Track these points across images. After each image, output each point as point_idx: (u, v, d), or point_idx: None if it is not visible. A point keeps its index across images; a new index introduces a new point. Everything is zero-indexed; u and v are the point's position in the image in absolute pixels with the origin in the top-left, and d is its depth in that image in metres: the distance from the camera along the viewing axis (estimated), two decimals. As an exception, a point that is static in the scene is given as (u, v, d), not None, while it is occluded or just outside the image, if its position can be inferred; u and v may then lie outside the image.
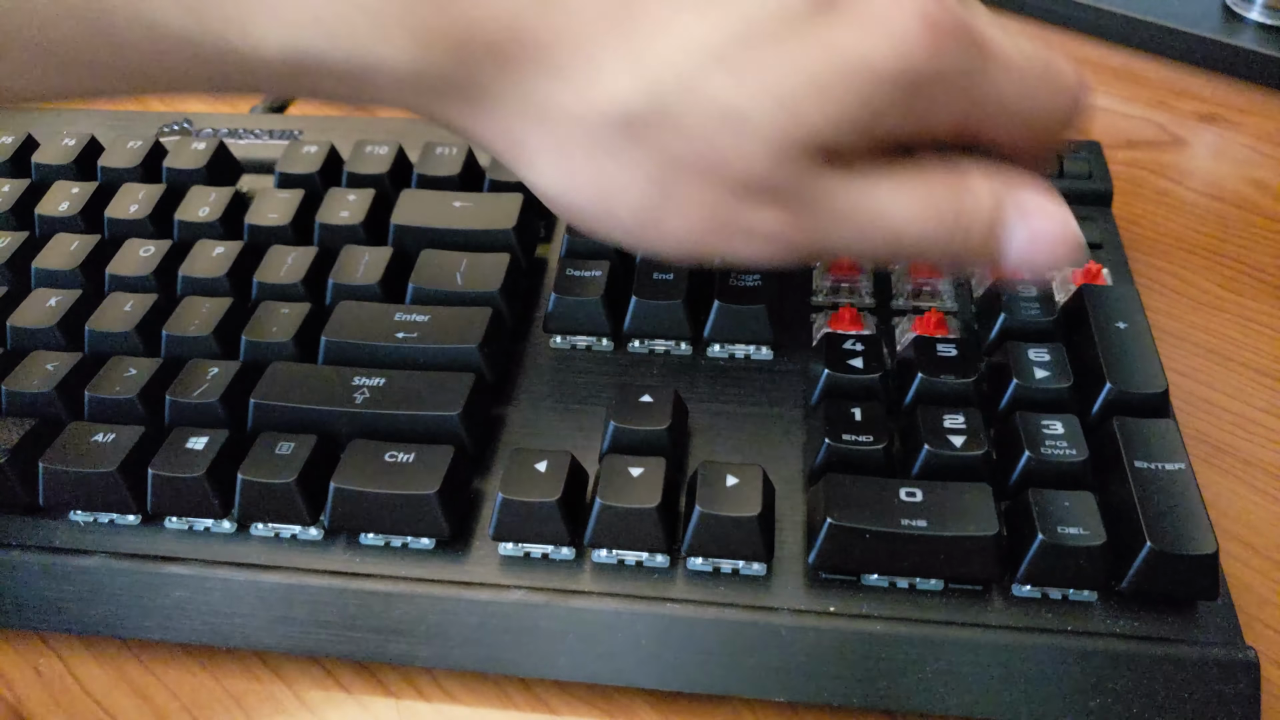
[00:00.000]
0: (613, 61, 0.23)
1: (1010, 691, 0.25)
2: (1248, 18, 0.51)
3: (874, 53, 0.24)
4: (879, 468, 0.27)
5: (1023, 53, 0.26)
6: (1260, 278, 0.40)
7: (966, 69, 0.25)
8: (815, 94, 0.23)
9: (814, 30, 0.24)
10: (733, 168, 0.24)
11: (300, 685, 0.28)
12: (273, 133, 0.43)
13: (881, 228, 0.26)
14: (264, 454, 0.28)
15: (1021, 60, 0.26)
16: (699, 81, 0.23)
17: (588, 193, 0.25)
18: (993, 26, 0.26)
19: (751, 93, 0.23)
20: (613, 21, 0.23)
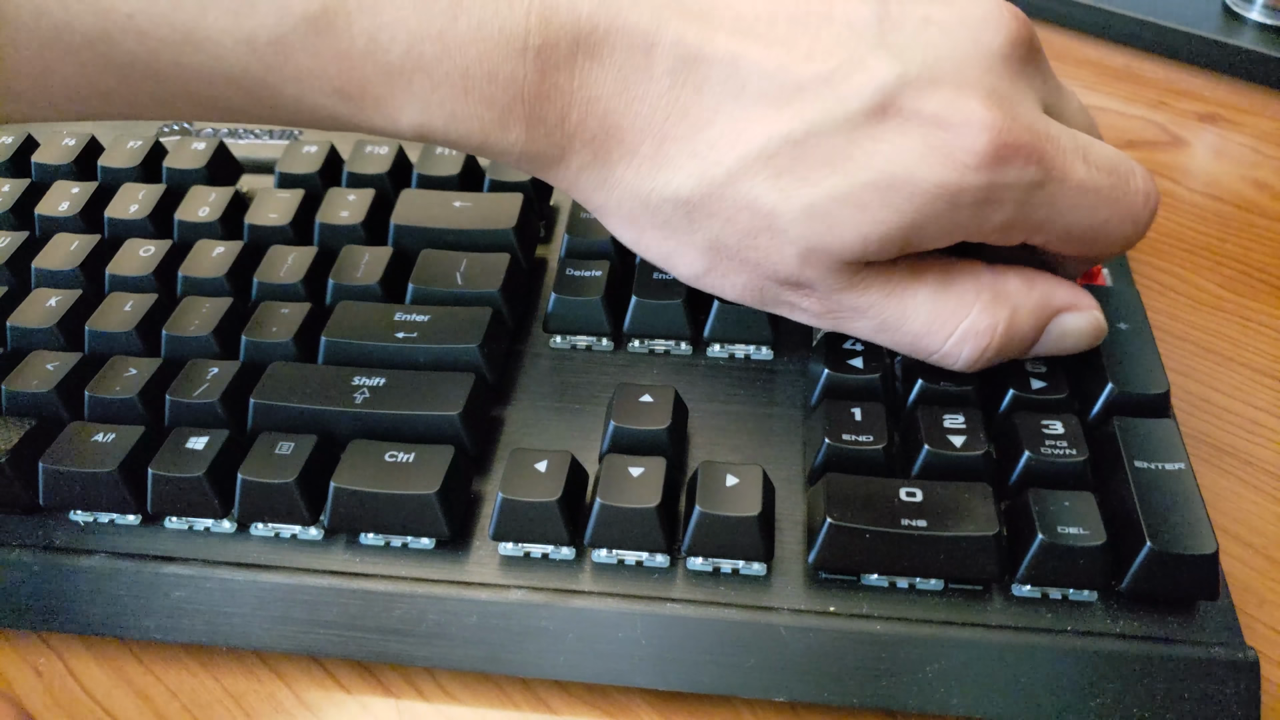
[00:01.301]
0: (679, 155, 0.26)
1: (1010, 691, 0.25)
2: (1248, 18, 0.51)
3: (927, 172, 0.24)
4: (879, 468, 0.27)
5: (1093, 172, 0.25)
6: (1260, 278, 0.40)
7: (1025, 187, 0.25)
8: (851, 208, 0.25)
9: (869, 138, 0.24)
10: (764, 262, 0.26)
11: (300, 685, 0.28)
12: (273, 133, 0.43)
13: (903, 330, 0.27)
14: (264, 454, 0.28)
15: (1090, 181, 0.25)
16: (743, 179, 0.25)
17: (653, 253, 0.29)
18: (1066, 137, 0.25)
19: (788, 198, 0.25)
20: (687, 120, 0.25)
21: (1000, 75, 0.25)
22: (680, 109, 0.25)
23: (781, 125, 0.25)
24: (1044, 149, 0.25)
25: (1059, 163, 0.25)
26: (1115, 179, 0.26)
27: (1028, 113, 0.25)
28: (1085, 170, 0.25)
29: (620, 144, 0.26)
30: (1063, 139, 0.25)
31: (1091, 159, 0.26)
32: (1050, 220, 0.26)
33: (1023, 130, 0.24)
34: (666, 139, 0.26)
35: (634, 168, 0.26)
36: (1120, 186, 0.26)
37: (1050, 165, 0.25)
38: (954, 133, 0.24)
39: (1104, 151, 0.26)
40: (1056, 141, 0.25)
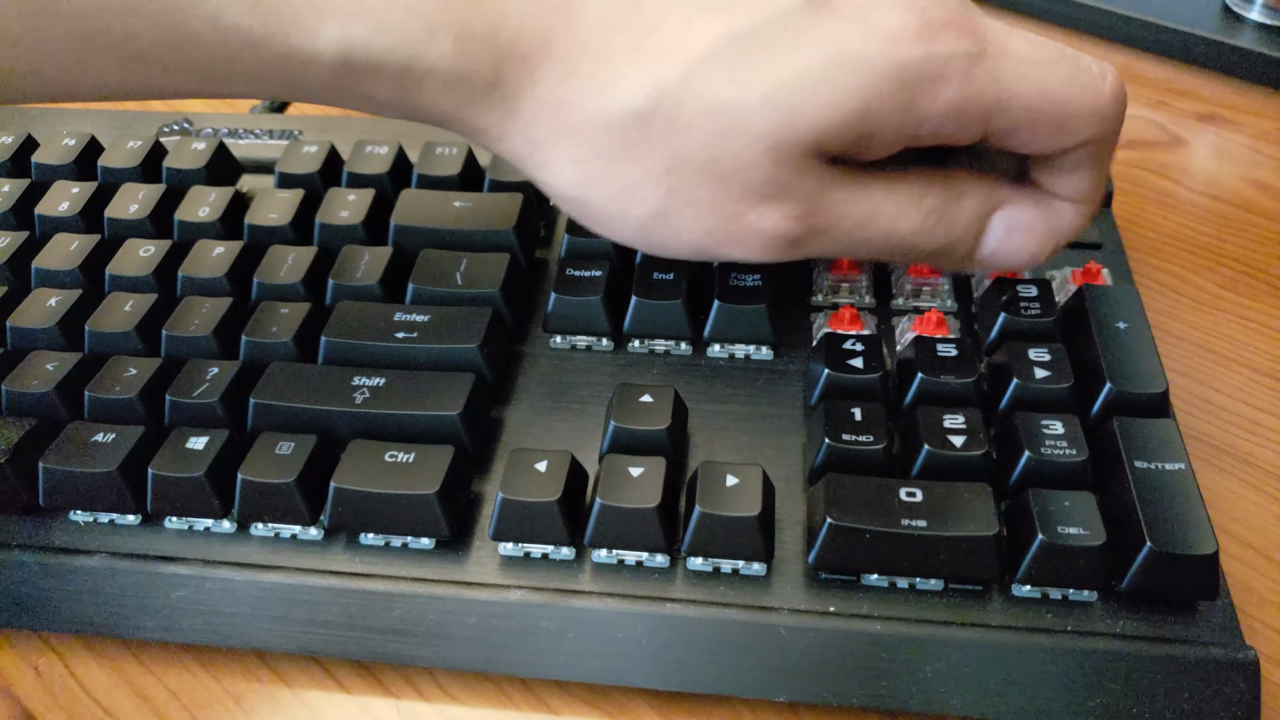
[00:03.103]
0: (624, 64, 0.25)
1: (1010, 691, 0.25)
2: (1248, 18, 0.51)
3: (866, 47, 0.24)
4: (879, 468, 0.27)
5: (1034, 48, 0.26)
6: (1260, 278, 0.40)
7: (963, 59, 0.25)
8: (808, 90, 0.24)
9: (811, 28, 0.24)
10: (731, 165, 0.25)
11: (300, 685, 0.28)
12: (273, 133, 0.43)
13: (874, 228, 0.27)
14: (264, 454, 0.28)
15: (1032, 54, 0.25)
16: (698, 80, 0.24)
17: (600, 191, 0.26)
18: (996, 24, 0.26)
19: (745, 90, 0.24)
20: (627, 28, 0.25)
21: None
22: (621, 18, 0.24)
23: (727, 24, 0.24)
24: (975, 23, 0.25)
25: (993, 36, 0.25)
26: (1061, 55, 0.26)
27: (956, 3, 0.25)
28: (1025, 45, 0.25)
29: (561, 60, 0.25)
30: (997, 25, 0.25)
31: (1031, 40, 0.26)
32: (1003, 98, 0.25)
33: (956, 11, 0.25)
34: (610, 51, 0.25)
35: (577, 86, 0.25)
36: (1069, 61, 0.26)
37: (984, 38, 0.25)
38: (884, 14, 0.24)
39: (1036, 37, 0.26)
40: (989, 23, 0.25)
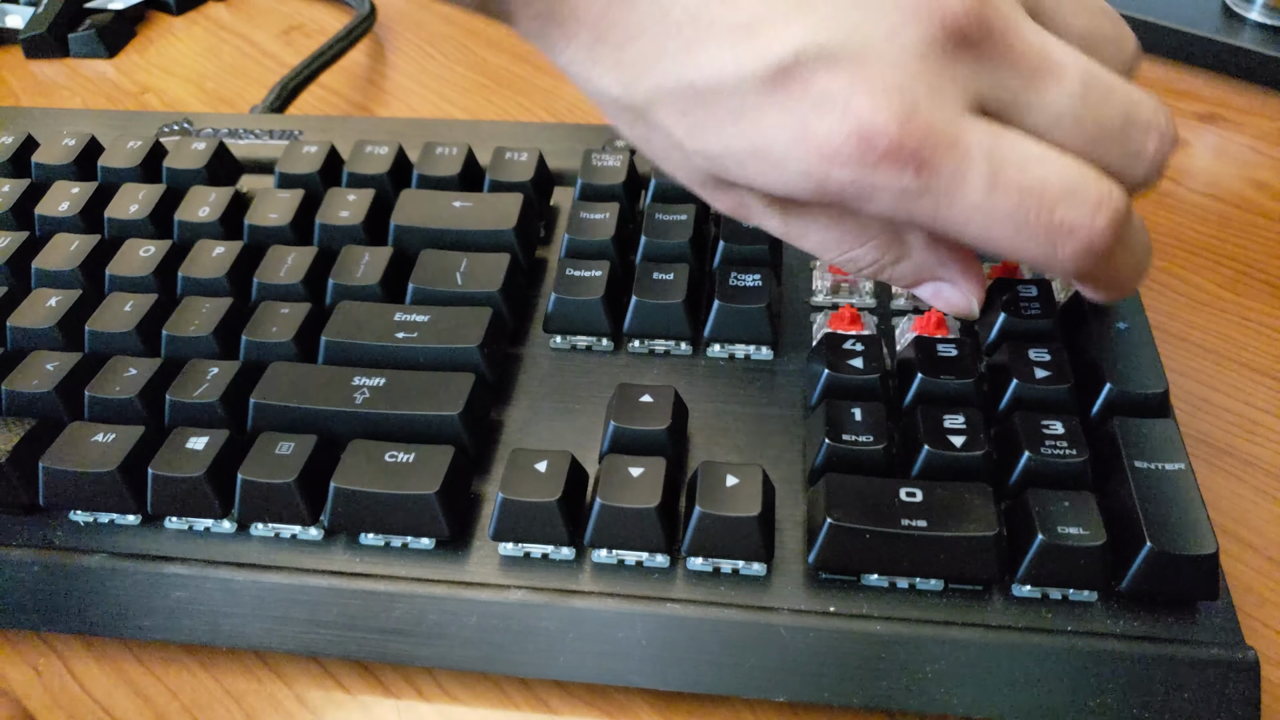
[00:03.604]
0: (608, 59, 0.26)
1: (1010, 691, 0.25)
2: (1248, 18, 0.51)
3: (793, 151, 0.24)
4: (879, 468, 0.27)
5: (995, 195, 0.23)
6: (1260, 278, 0.40)
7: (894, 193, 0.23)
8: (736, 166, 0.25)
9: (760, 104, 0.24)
10: (680, 174, 0.27)
11: (300, 685, 0.28)
12: (273, 133, 0.43)
13: (801, 242, 0.27)
14: (264, 454, 0.28)
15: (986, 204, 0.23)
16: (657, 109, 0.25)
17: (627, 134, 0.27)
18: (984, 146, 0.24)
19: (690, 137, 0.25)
20: (618, 28, 0.25)
21: (919, 66, 0.23)
22: (614, 16, 0.25)
23: (690, 70, 0.24)
24: (929, 158, 0.23)
25: (948, 177, 0.23)
26: (1028, 205, 0.23)
27: (934, 114, 0.23)
28: (984, 191, 0.23)
29: (561, 26, 0.26)
30: (973, 149, 0.23)
31: (1004, 178, 0.23)
32: (942, 229, 0.24)
33: (908, 134, 0.23)
34: (600, 39, 0.25)
35: (570, 55, 0.26)
36: (1032, 215, 0.23)
37: (934, 177, 0.23)
38: (829, 122, 0.23)
39: (1035, 171, 0.23)
40: (957, 151, 0.23)
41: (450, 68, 0.54)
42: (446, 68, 0.54)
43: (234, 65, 0.55)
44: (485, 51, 0.55)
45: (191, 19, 0.59)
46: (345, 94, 0.53)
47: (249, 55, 0.56)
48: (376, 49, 0.56)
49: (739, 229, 0.34)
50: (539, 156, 0.38)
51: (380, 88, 0.53)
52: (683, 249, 0.34)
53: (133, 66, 0.55)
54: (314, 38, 0.57)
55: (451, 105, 0.51)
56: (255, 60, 0.55)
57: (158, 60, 0.56)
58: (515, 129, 0.42)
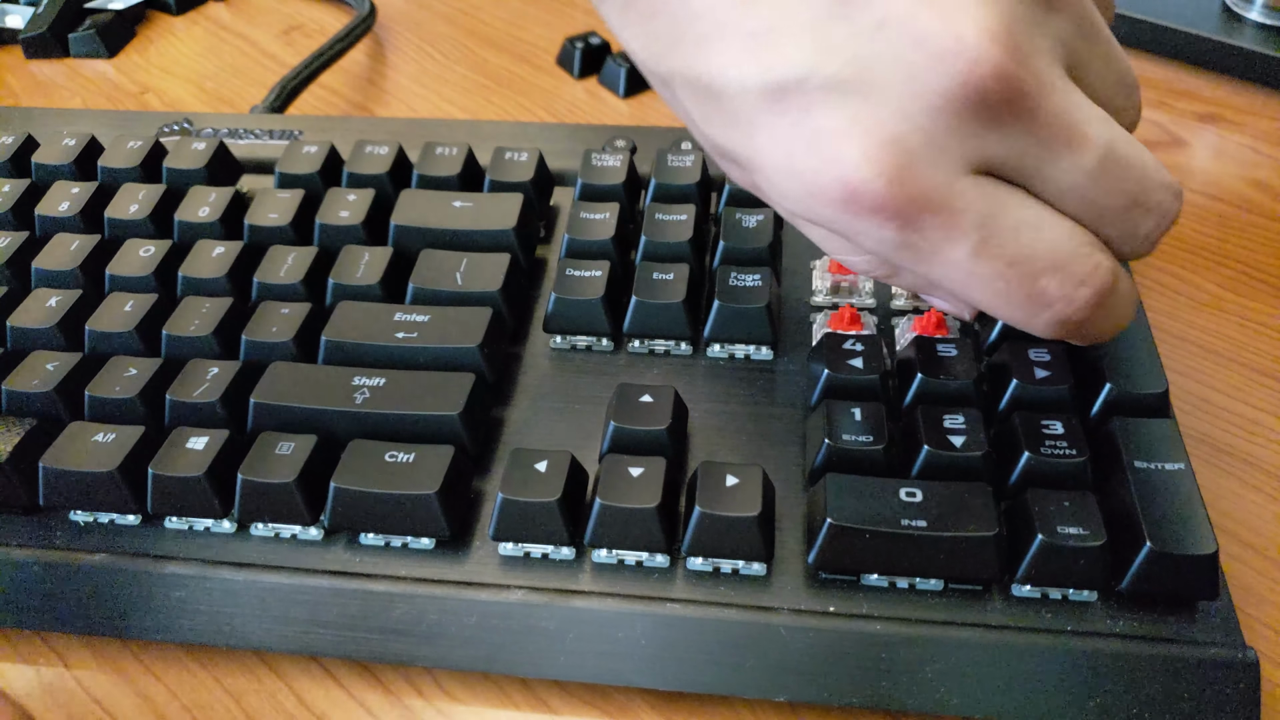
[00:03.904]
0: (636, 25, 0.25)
1: (1010, 691, 0.25)
2: (1248, 18, 0.51)
3: (781, 179, 0.23)
4: (879, 468, 0.27)
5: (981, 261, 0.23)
6: (1260, 278, 0.40)
7: (882, 243, 0.23)
8: (732, 168, 0.26)
9: (755, 118, 0.23)
10: (698, 139, 0.27)
11: (300, 685, 0.28)
12: (273, 133, 0.43)
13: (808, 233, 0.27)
14: (264, 454, 0.28)
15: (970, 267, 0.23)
16: (675, 87, 0.25)
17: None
18: (980, 209, 0.22)
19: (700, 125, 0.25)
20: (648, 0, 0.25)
21: (927, 121, 0.21)
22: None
23: (699, 65, 0.23)
24: (913, 219, 0.22)
25: (932, 238, 0.22)
26: (1011, 274, 0.23)
27: (930, 175, 0.22)
28: (968, 256, 0.22)
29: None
30: (966, 214, 0.22)
31: (992, 246, 0.22)
32: (919, 275, 0.24)
33: (894, 195, 0.22)
34: (630, 4, 0.25)
35: (607, 9, 0.26)
36: (1014, 283, 0.23)
37: (918, 236, 0.22)
38: (816, 162, 0.22)
39: (1026, 239, 0.22)
40: (946, 215, 0.22)
41: (450, 68, 0.54)
42: (446, 68, 0.54)
43: (234, 65, 0.55)
44: (485, 51, 0.55)
45: (191, 19, 0.59)
46: (345, 94, 0.53)
47: (249, 55, 0.56)
48: (376, 49, 0.56)
49: (739, 229, 0.34)
50: (539, 156, 0.38)
51: (380, 88, 0.53)
52: (683, 249, 0.34)
53: (133, 66, 0.55)
54: (314, 38, 0.57)
55: (451, 105, 0.51)
56: (255, 60, 0.55)
57: (158, 60, 0.56)
58: (515, 129, 0.42)
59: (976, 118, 0.22)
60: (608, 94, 0.52)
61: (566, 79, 0.53)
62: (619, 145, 0.41)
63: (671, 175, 0.36)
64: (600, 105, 0.51)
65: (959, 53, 0.21)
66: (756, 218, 0.34)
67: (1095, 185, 0.23)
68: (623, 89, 0.51)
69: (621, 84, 0.51)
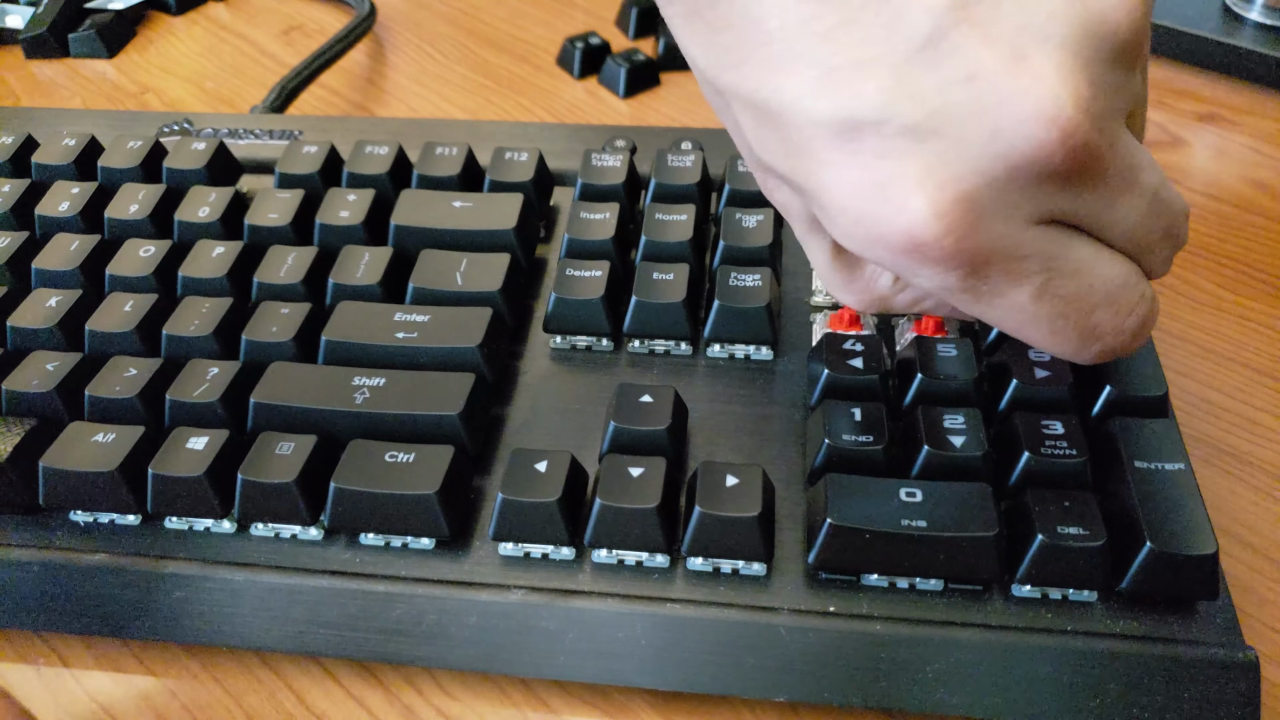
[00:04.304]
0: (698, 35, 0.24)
1: (1010, 691, 0.25)
2: (1248, 18, 0.51)
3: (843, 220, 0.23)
4: (879, 468, 0.27)
5: (1039, 304, 0.23)
6: (1260, 278, 0.40)
7: (940, 289, 0.23)
8: (783, 195, 0.26)
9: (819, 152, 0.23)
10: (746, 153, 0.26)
11: (300, 685, 0.28)
12: (273, 133, 0.43)
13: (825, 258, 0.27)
14: (264, 454, 0.28)
15: (1027, 311, 0.23)
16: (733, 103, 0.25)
17: None
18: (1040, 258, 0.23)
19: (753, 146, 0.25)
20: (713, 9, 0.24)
21: (1004, 182, 0.21)
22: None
23: (766, 90, 0.23)
24: (979, 268, 0.22)
25: (995, 283, 0.23)
26: (1070, 311, 0.23)
27: (997, 228, 0.22)
28: (1029, 298, 0.23)
29: None
30: (1031, 261, 0.22)
31: (1053, 287, 0.23)
32: (972, 314, 0.24)
33: (962, 249, 0.22)
34: (696, 13, 0.24)
35: (671, 11, 0.24)
36: (1071, 320, 0.23)
37: (981, 282, 0.22)
38: (884, 209, 0.22)
39: (1085, 278, 0.23)
40: (1012, 263, 0.22)
41: (450, 68, 0.54)
42: (446, 68, 0.54)
43: (234, 65, 0.55)
44: (485, 51, 0.55)
45: (191, 19, 0.59)
46: (345, 94, 0.53)
47: (249, 55, 0.56)
48: (376, 49, 0.56)
49: (739, 229, 0.34)
50: (539, 156, 0.38)
51: (380, 88, 0.53)
52: (683, 249, 0.34)
53: (133, 66, 0.55)
54: (314, 38, 0.57)
55: (451, 105, 0.51)
56: (255, 60, 0.55)
57: (158, 60, 0.56)
58: (515, 129, 0.42)
59: (1053, 181, 0.22)
60: (608, 94, 0.52)
61: (566, 79, 0.53)
62: (619, 145, 0.41)
63: (671, 175, 0.36)
64: (600, 105, 0.51)
65: (1052, 119, 0.21)
66: (756, 218, 0.34)
67: (1144, 221, 0.23)
68: (623, 89, 0.51)
69: (621, 84, 0.51)
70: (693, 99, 0.51)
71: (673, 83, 0.52)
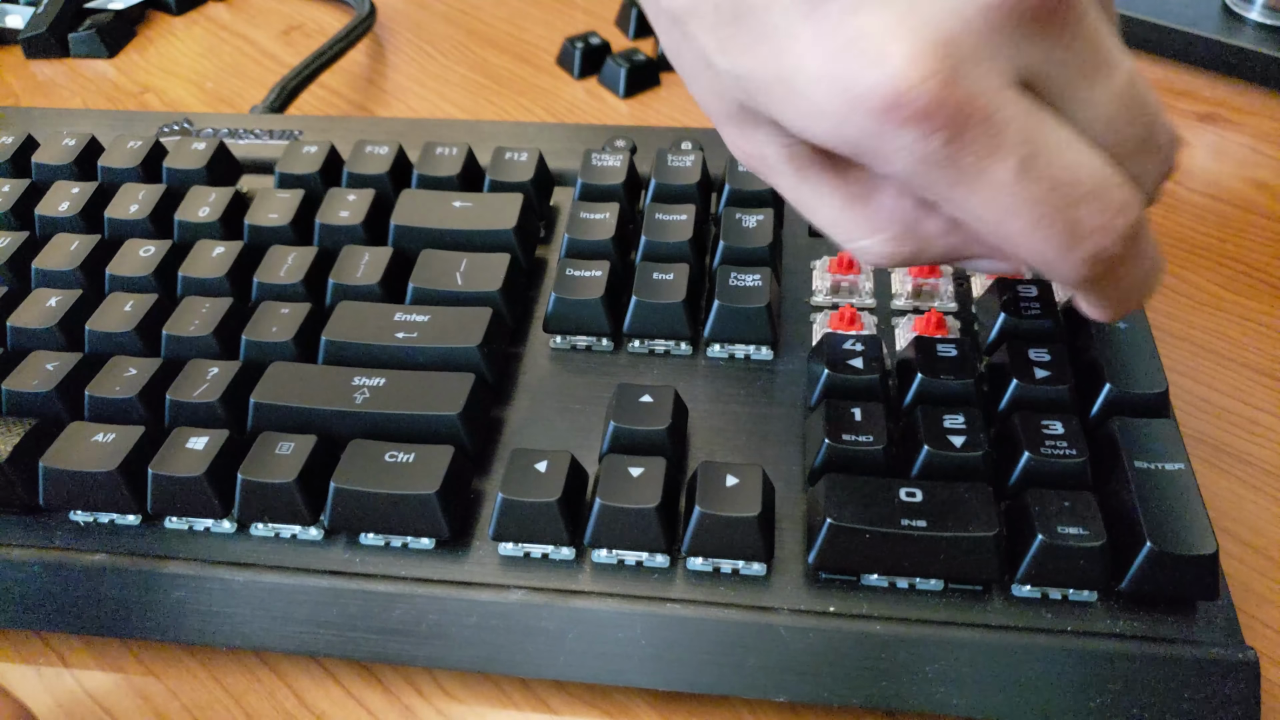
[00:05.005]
0: None
1: (1010, 691, 0.25)
2: (1248, 18, 0.51)
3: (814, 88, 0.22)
4: (879, 468, 0.27)
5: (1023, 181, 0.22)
6: (1260, 278, 0.40)
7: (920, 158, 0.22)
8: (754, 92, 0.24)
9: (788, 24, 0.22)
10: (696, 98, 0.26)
11: (300, 685, 0.28)
12: (273, 133, 0.43)
13: (812, 216, 0.26)
14: (264, 454, 0.28)
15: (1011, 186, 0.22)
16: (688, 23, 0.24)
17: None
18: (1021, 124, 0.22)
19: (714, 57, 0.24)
20: None
21: (980, 24, 0.21)
22: None
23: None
24: (961, 129, 0.21)
25: (978, 152, 0.21)
26: (1054, 196, 0.22)
27: (979, 81, 0.21)
28: (1012, 174, 0.22)
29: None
30: (1011, 126, 0.21)
31: (1037, 164, 0.22)
32: (953, 205, 0.23)
33: (943, 100, 0.21)
34: None
35: None
36: (1056, 207, 0.22)
37: (963, 150, 0.21)
38: (860, 64, 0.21)
39: (1068, 161, 0.22)
40: (993, 126, 0.21)
41: (450, 68, 0.54)
42: (446, 68, 0.54)
43: (234, 65, 0.55)
44: (485, 51, 0.55)
45: (191, 19, 0.59)
46: (345, 94, 0.53)
47: (249, 55, 0.56)
48: (376, 49, 0.56)
49: (739, 229, 0.34)
50: (539, 156, 0.38)
51: (380, 88, 0.53)
52: (683, 249, 0.34)
53: (133, 66, 0.55)
54: (314, 38, 0.57)
55: (451, 105, 0.51)
56: (255, 60, 0.55)
57: (158, 60, 0.56)
58: (515, 129, 0.42)
59: (1028, 26, 0.21)
60: (608, 94, 0.52)
61: (566, 79, 0.53)
62: (619, 145, 0.41)
63: (671, 175, 0.36)
64: (600, 105, 0.51)
65: None
66: (756, 218, 0.34)
67: (1119, 114, 0.23)
68: (623, 89, 0.51)
69: (621, 84, 0.51)
70: (693, 99, 0.51)
71: (673, 83, 0.52)
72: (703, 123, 0.49)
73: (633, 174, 0.37)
